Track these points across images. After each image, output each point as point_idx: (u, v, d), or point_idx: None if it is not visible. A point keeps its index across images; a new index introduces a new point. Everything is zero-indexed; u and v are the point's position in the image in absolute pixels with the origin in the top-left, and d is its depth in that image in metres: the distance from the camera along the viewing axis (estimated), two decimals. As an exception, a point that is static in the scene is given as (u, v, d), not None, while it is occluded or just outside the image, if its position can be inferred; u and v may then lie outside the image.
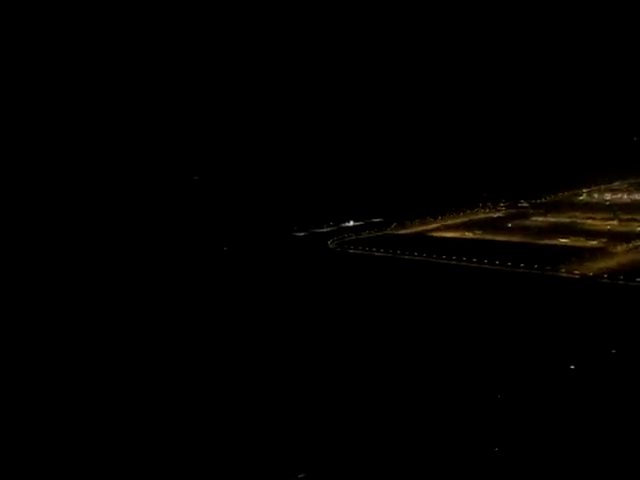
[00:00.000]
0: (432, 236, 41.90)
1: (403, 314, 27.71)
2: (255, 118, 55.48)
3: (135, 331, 26.82)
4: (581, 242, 37.71)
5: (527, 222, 46.88)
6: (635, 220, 43.72)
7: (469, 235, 41.40)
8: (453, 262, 33.82)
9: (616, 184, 62.17)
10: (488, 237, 40.85)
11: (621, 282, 29.63)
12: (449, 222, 47.37)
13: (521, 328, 24.86)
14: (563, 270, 32.11)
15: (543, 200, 57.67)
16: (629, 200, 54.78)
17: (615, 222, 44.84)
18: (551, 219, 47.54)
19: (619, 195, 57.66)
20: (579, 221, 46.41)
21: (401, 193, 60.76)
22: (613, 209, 49.24)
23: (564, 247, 37.53)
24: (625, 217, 45.65)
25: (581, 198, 57.18)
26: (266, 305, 30.14)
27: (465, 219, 48.90)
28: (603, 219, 46.00)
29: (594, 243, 36.94)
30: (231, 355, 23.92)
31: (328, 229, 47.82)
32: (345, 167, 63.16)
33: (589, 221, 45.86)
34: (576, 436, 16.87)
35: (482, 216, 50.38)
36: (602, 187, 61.07)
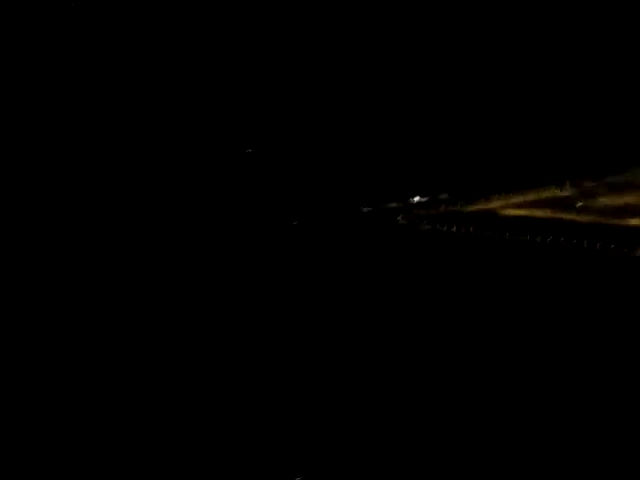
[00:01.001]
0: (501, 214, 41.71)
1: (480, 293, 28.09)
2: (310, 88, 55.44)
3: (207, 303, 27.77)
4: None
5: (596, 202, 46.13)
6: None
7: (539, 214, 41.02)
8: (527, 240, 33.79)
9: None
10: (558, 216, 40.44)
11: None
12: (515, 200, 46.95)
13: (601, 312, 25.06)
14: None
15: (609, 180, 56.27)
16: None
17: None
18: (619, 199, 46.68)
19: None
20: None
21: (462, 170, 60.72)
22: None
23: (638, 228, 37.05)
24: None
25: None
26: (341, 280, 30.82)
27: (532, 197, 48.27)
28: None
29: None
30: (302, 330, 24.56)
31: (394, 205, 48.01)
32: (407, 142, 63.18)
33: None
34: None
35: (549, 194, 49.59)
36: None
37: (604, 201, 47.53)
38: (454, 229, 36.71)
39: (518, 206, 42.97)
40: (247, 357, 22.59)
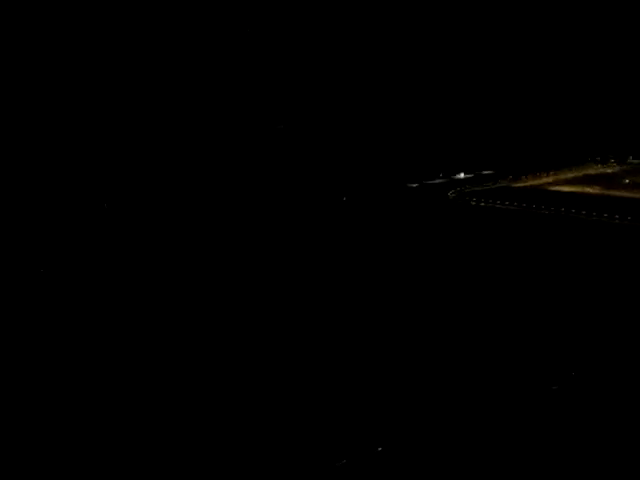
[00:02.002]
0: (551, 190, 41.96)
1: (537, 269, 27.93)
2: (355, 66, 55.91)
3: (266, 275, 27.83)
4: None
5: (643, 178, 46.35)
6: None
7: (589, 190, 41.29)
8: (582, 217, 33.88)
9: None
10: (608, 193, 40.68)
11: None
12: (563, 177, 47.19)
13: None
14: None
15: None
16: None
17: None
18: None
19: None
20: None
21: (505, 146, 60.47)
22: None
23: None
24: None
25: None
26: (391, 252, 30.93)
27: (578, 174, 48.53)
28: None
29: None
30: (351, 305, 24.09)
31: (439, 181, 48.16)
32: (449, 119, 63.11)
33: None
34: None
35: (594, 171, 49.88)
36: None
37: (651, 177, 45.71)
38: (504, 204, 36.38)
39: (568, 182, 42.50)
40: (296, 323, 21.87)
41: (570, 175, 49.96)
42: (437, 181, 49.51)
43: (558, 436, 14.96)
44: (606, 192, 41.99)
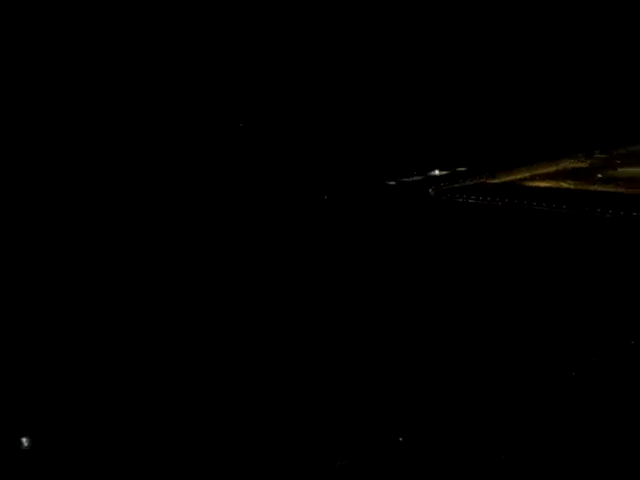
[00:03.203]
0: (528, 185, 42.72)
1: (510, 260, 28.44)
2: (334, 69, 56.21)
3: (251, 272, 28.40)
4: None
5: (616, 173, 47.40)
6: None
7: (565, 185, 42.16)
8: (562, 211, 34.31)
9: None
10: (582, 187, 41.60)
11: None
12: (537, 172, 48.03)
13: (627, 279, 24.36)
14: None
15: (619, 151, 57.81)
16: None
17: None
18: (637, 169, 47.98)
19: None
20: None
21: (476, 142, 61.28)
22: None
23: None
24: None
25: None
26: (373, 248, 30.95)
27: (551, 169, 49.51)
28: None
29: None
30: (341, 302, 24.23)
31: (416, 178, 48.65)
32: (420, 117, 63.79)
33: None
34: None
35: (566, 167, 50.88)
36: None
37: (623, 171, 47.72)
38: (486, 200, 36.95)
39: (543, 177, 43.29)
40: (280, 326, 21.95)
41: (543, 170, 50.79)
42: (414, 178, 50.03)
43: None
44: (581, 187, 42.98)
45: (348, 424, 15.56)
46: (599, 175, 49.59)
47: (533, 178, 46.70)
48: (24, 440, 15.62)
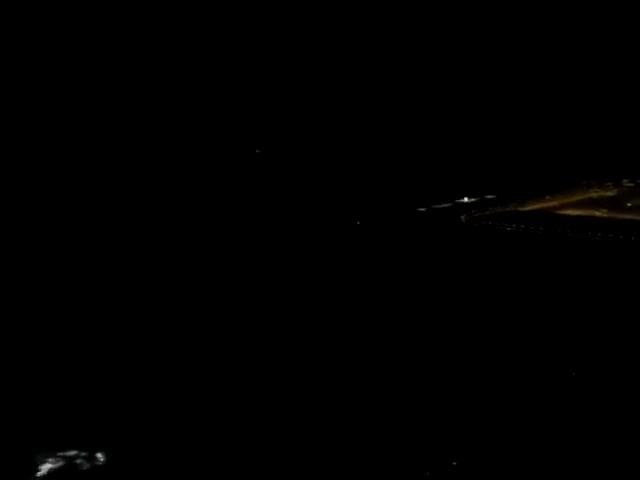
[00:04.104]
0: (560, 213, 42.72)
1: (545, 287, 28.51)
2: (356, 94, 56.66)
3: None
4: None
5: (645, 201, 47.32)
6: None
7: (597, 213, 42.12)
8: (588, 237, 34.52)
9: None
10: (615, 216, 41.51)
11: None
12: (567, 200, 48.04)
13: None
14: None
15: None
16: None
17: None
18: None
19: None
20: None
21: (503, 170, 61.48)
22: None
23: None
24: None
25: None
26: (404, 273, 31.06)
27: (581, 197, 49.43)
28: None
29: None
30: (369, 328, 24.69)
31: (446, 205, 48.84)
32: (447, 144, 64.19)
33: None
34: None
35: (596, 195, 50.74)
36: None
37: (654, 200, 46.94)
38: (519, 227, 37.32)
39: (573, 205, 43.64)
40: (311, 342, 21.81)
41: (573, 199, 50.61)
42: (444, 205, 50.19)
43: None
44: (613, 215, 42.82)
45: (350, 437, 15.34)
46: (628, 204, 49.15)
47: (564, 206, 46.63)
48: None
